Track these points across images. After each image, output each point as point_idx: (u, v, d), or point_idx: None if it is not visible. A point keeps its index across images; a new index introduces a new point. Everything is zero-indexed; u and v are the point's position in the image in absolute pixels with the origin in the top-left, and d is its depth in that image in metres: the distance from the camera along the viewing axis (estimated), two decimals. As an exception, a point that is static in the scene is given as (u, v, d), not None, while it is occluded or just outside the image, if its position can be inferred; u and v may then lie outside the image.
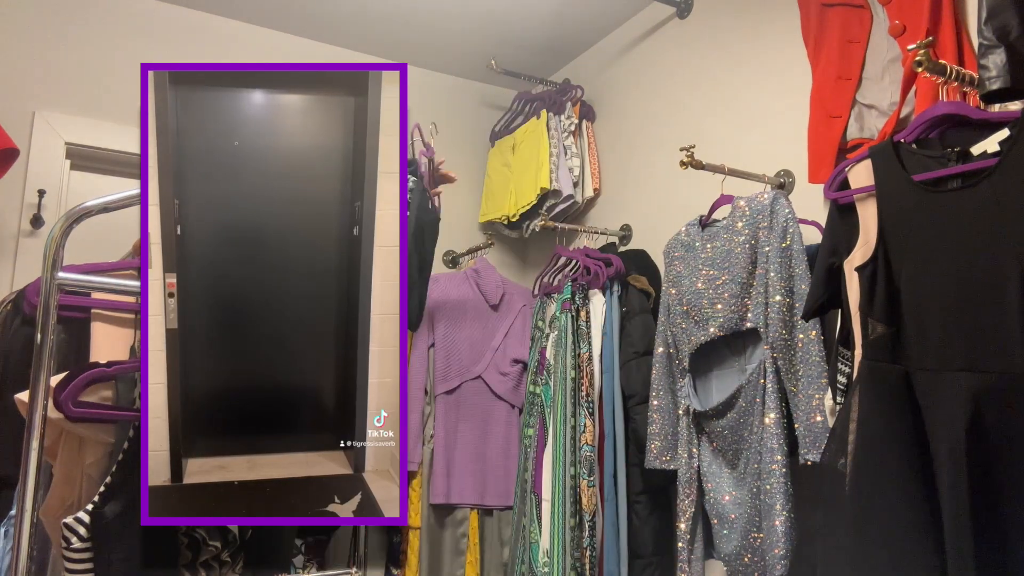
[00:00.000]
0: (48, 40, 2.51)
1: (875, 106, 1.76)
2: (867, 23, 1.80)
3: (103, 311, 1.52)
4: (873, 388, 1.27)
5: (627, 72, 2.76)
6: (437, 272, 2.87)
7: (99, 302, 1.52)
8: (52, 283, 1.24)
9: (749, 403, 1.71)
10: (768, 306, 1.70)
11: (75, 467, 1.43)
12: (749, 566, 1.68)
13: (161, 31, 2.68)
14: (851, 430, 1.27)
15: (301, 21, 2.82)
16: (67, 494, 1.42)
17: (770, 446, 1.64)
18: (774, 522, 1.60)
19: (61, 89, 2.50)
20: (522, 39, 2.90)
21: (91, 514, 1.33)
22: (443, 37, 2.90)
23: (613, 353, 2.21)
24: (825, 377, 1.58)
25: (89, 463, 1.43)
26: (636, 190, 2.65)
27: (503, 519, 2.60)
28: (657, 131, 2.58)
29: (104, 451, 1.44)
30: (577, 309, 2.28)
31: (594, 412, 2.19)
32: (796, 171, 1.99)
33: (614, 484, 2.14)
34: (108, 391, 1.44)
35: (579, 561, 2.10)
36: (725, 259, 1.80)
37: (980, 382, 1.13)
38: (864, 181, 1.36)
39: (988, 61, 1.15)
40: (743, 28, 2.25)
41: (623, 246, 2.63)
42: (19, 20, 2.47)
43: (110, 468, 1.39)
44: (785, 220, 1.71)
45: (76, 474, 1.43)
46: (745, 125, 2.20)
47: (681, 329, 1.90)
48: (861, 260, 1.33)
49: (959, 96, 1.37)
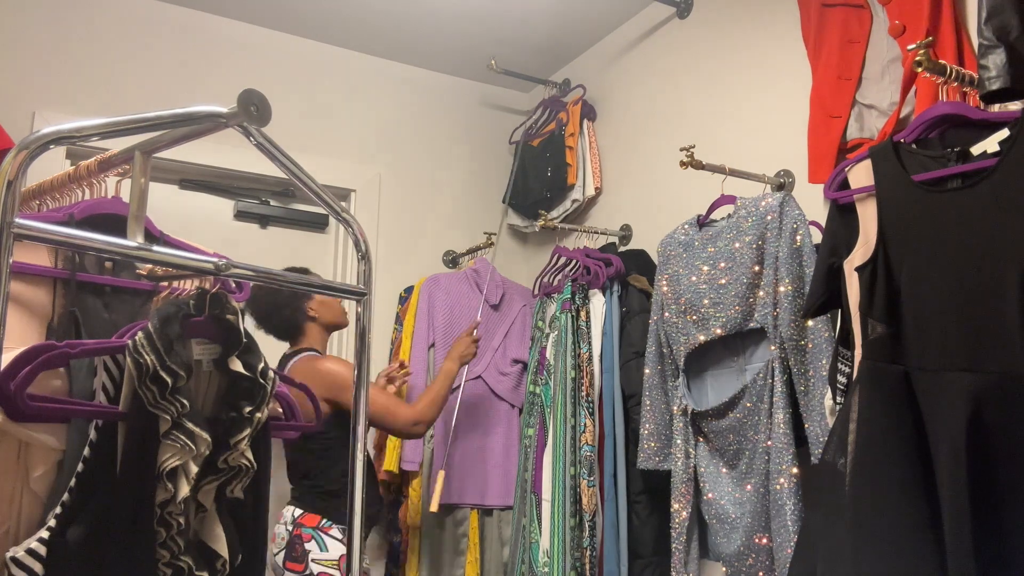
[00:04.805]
0: (48, 40, 2.51)
1: (875, 106, 1.76)
2: (867, 23, 1.80)
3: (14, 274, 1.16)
4: (873, 388, 1.27)
5: (627, 72, 2.76)
6: (437, 272, 2.88)
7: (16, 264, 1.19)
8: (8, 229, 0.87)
9: (756, 403, 1.71)
10: (778, 307, 1.70)
11: (13, 481, 1.14)
12: (753, 566, 1.68)
13: (161, 31, 2.68)
14: (851, 430, 1.27)
15: (301, 21, 2.82)
16: (1, 517, 1.13)
17: (779, 446, 1.64)
18: (786, 521, 1.60)
19: (61, 89, 2.50)
20: (522, 39, 2.90)
21: (47, 543, 1.08)
22: (443, 37, 2.90)
23: (613, 353, 2.21)
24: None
25: (35, 476, 1.15)
26: (636, 190, 2.65)
27: (503, 519, 2.60)
28: (657, 131, 2.58)
29: (53, 461, 1.17)
30: (577, 309, 2.28)
31: (594, 412, 2.19)
32: (796, 171, 1.98)
33: (614, 484, 2.14)
34: (59, 380, 1.18)
35: (579, 561, 2.10)
36: (729, 259, 1.80)
37: (980, 382, 1.13)
38: (864, 181, 1.36)
39: (988, 61, 1.14)
40: (743, 28, 2.25)
41: (623, 246, 2.63)
42: (19, 20, 2.47)
43: (66, 483, 1.12)
44: (795, 222, 1.71)
45: (14, 491, 1.14)
46: (745, 125, 2.20)
47: (676, 328, 1.90)
48: (861, 260, 1.33)
49: (959, 96, 1.37)
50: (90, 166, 1.33)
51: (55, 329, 1.28)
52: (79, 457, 1.14)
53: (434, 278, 2.77)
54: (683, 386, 1.88)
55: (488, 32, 2.85)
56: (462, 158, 3.19)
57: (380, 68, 3.07)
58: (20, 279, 1.26)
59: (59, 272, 1.31)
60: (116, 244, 1.01)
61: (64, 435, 1.18)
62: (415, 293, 2.75)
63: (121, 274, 1.40)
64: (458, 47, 2.98)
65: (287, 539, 2.04)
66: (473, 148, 3.22)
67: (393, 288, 2.92)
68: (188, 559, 1.16)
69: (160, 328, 1.16)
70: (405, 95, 3.11)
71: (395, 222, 3.02)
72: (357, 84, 3.01)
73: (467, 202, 3.18)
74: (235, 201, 2.83)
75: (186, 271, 1.33)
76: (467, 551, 2.56)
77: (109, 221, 1.36)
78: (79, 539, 1.09)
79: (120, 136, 1.02)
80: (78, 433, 1.18)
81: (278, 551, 2.05)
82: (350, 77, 3.00)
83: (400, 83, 3.10)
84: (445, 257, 3.10)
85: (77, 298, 1.31)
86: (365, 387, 1.25)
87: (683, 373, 1.89)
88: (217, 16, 2.77)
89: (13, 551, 1.07)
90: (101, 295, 1.36)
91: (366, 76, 3.04)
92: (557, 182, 2.80)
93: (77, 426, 1.18)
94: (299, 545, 2.01)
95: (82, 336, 1.27)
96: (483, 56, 2.96)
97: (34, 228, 0.94)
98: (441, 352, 2.64)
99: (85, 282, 1.34)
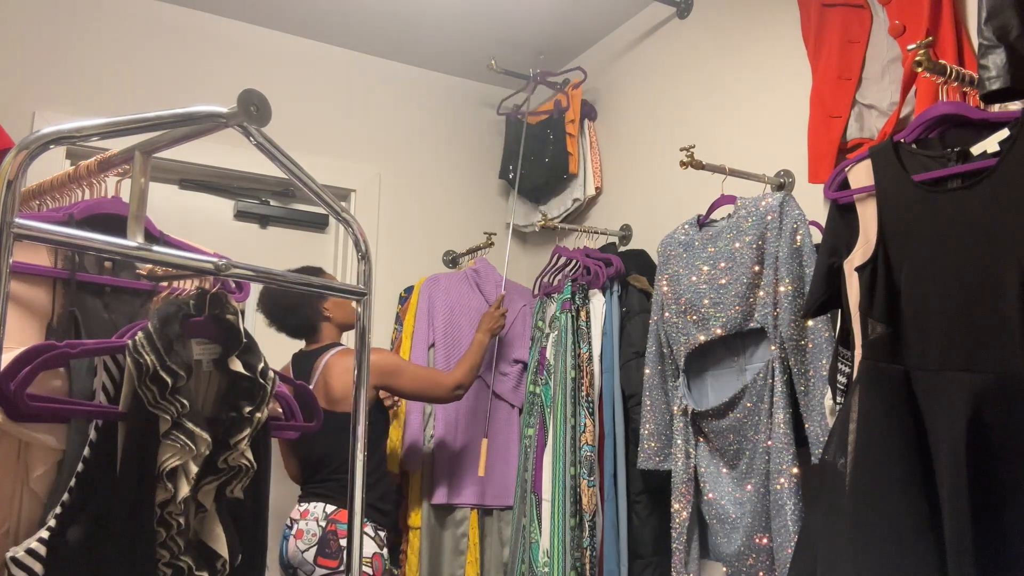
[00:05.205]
0: (48, 40, 2.51)
1: (875, 106, 1.76)
2: (867, 23, 1.80)
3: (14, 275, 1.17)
4: (873, 388, 1.27)
5: (627, 72, 2.76)
6: (437, 272, 2.88)
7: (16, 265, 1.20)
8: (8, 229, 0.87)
9: (756, 403, 1.71)
10: (778, 307, 1.70)
11: (13, 481, 1.14)
12: (754, 566, 1.68)
13: (161, 31, 2.68)
14: (851, 430, 1.27)
15: (300, 21, 2.82)
16: (1, 517, 1.13)
17: (779, 446, 1.64)
18: (786, 521, 1.60)
19: (61, 89, 2.50)
20: (522, 39, 2.90)
21: (48, 543, 1.07)
22: (443, 37, 2.90)
23: (613, 353, 2.21)
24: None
25: (35, 476, 1.15)
26: (636, 190, 2.65)
27: (503, 519, 2.60)
28: (657, 131, 2.58)
29: (53, 461, 1.16)
30: (577, 309, 2.28)
31: (594, 412, 2.19)
32: (796, 171, 1.98)
33: (614, 484, 2.14)
34: (59, 380, 1.18)
35: (579, 561, 2.10)
36: (729, 259, 1.80)
37: (980, 382, 1.13)
38: (864, 181, 1.36)
39: (988, 61, 1.14)
40: (743, 28, 2.25)
41: (623, 246, 2.63)
42: (19, 20, 2.47)
43: (66, 483, 1.12)
44: (795, 222, 1.71)
45: (14, 491, 1.14)
46: (745, 125, 2.20)
47: (677, 328, 1.90)
48: (861, 260, 1.33)
49: (959, 96, 1.37)
50: (90, 166, 1.33)
51: (55, 329, 1.28)
52: (79, 457, 1.14)
53: (434, 278, 2.77)
54: (683, 386, 1.88)
55: (488, 32, 2.85)
56: (462, 158, 3.19)
57: (380, 68, 3.07)
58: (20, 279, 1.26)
59: (59, 272, 1.30)
60: (116, 244, 1.01)
61: (64, 435, 1.17)
62: (415, 293, 2.75)
63: (121, 274, 1.40)
64: (458, 47, 2.98)
65: (319, 535, 2.02)
66: (473, 148, 3.22)
67: (393, 288, 2.91)
68: (188, 559, 1.16)
69: (160, 328, 1.16)
70: (405, 95, 3.11)
71: (395, 222, 3.02)
72: (357, 84, 3.01)
73: (467, 202, 3.18)
74: (235, 201, 2.83)
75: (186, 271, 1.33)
76: (467, 551, 2.56)
77: (109, 221, 1.36)
78: (79, 539, 1.09)
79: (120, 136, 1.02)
80: (78, 433, 1.17)
81: (307, 547, 2.03)
82: (350, 77, 3.00)
83: (400, 83, 3.10)
84: (445, 257, 3.10)
85: (77, 298, 1.31)
86: (365, 387, 1.25)
87: (683, 373, 1.89)
88: (217, 16, 2.77)
89: (13, 551, 1.07)
90: (101, 295, 1.36)
91: (366, 76, 3.04)
92: (557, 170, 2.78)
93: (77, 426, 1.18)
94: (334, 541, 1.99)
95: (82, 336, 1.27)
96: (483, 56, 2.96)
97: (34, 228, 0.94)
98: (441, 352, 2.64)
99: (85, 282, 1.34)
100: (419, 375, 2.29)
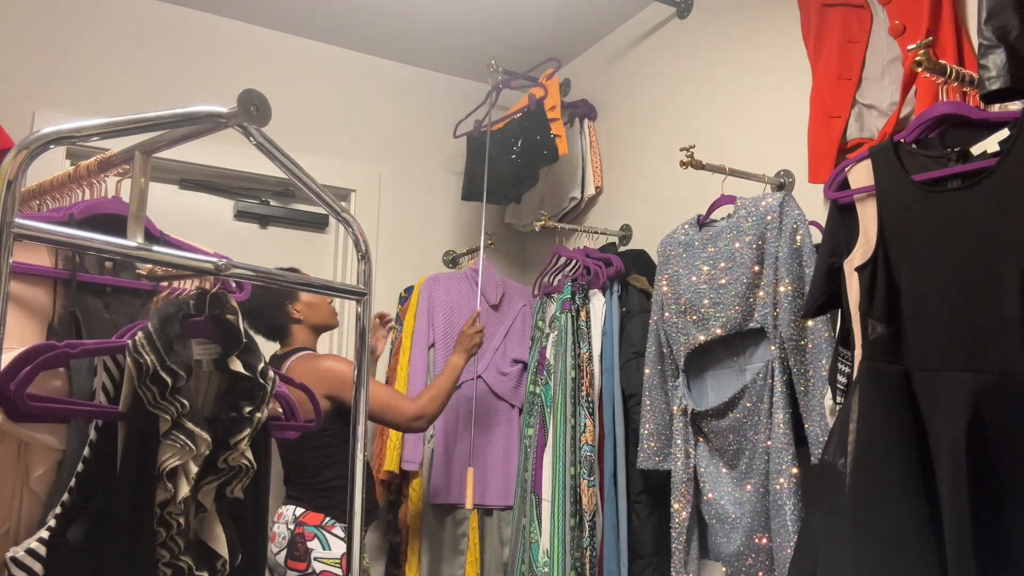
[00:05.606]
0: (48, 40, 2.51)
1: (875, 106, 1.76)
2: (867, 23, 1.80)
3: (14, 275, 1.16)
4: (873, 388, 1.27)
5: (627, 72, 2.76)
6: (437, 272, 2.88)
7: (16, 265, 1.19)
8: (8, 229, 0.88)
9: (755, 403, 1.71)
10: (778, 307, 1.70)
11: (13, 481, 1.13)
12: (753, 566, 1.68)
13: (161, 31, 2.68)
14: (851, 430, 1.27)
15: (300, 21, 2.82)
16: (1, 517, 1.12)
17: (779, 446, 1.64)
18: (786, 521, 1.60)
19: (61, 89, 2.50)
20: (522, 39, 2.90)
21: (48, 543, 1.07)
22: (443, 37, 2.90)
23: (613, 353, 2.21)
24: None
25: (35, 476, 1.14)
26: (636, 190, 2.65)
27: (503, 519, 2.60)
28: (657, 131, 2.58)
29: (53, 461, 1.16)
30: (577, 309, 2.28)
31: (594, 412, 2.19)
32: (796, 171, 1.98)
33: (614, 484, 2.14)
34: (59, 380, 1.17)
35: (579, 561, 2.10)
36: (729, 259, 1.80)
37: (980, 382, 1.13)
38: (864, 181, 1.36)
39: (988, 61, 1.14)
40: (743, 28, 2.25)
41: (623, 246, 2.63)
42: (19, 20, 2.47)
43: (66, 483, 1.12)
44: (795, 222, 1.71)
45: (14, 491, 1.13)
46: (745, 125, 2.20)
47: (676, 328, 1.90)
48: (861, 260, 1.33)
49: (959, 96, 1.37)
50: (90, 166, 1.33)
51: (55, 329, 1.27)
52: (79, 457, 1.13)
53: (434, 278, 2.77)
54: (683, 386, 1.88)
55: (488, 32, 2.85)
56: (462, 158, 3.18)
57: (380, 68, 3.07)
58: (20, 279, 1.25)
59: (59, 272, 1.30)
60: (116, 244, 1.01)
61: (64, 435, 1.17)
62: (415, 293, 2.75)
63: (121, 274, 1.40)
64: (458, 47, 2.98)
65: (288, 538, 2.04)
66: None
67: (393, 288, 2.91)
68: (188, 559, 1.16)
69: (160, 328, 1.15)
70: (405, 95, 3.11)
71: (395, 222, 3.02)
72: (357, 84, 3.01)
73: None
74: (235, 201, 2.83)
75: (186, 271, 1.33)
76: (467, 551, 2.56)
77: (109, 221, 1.36)
78: (79, 539, 1.08)
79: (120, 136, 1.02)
80: (78, 433, 1.17)
81: (278, 550, 2.05)
82: (350, 77, 3.00)
83: (400, 83, 3.10)
84: (445, 257, 3.10)
85: (77, 298, 1.31)
86: (365, 387, 1.25)
87: (683, 373, 1.89)
88: (217, 16, 2.77)
89: (13, 551, 1.06)
90: (101, 295, 1.36)
91: (366, 76, 3.04)
92: (539, 157, 2.61)
93: (77, 426, 1.17)
94: (301, 544, 2.01)
95: (82, 336, 1.27)
96: (483, 56, 2.96)
97: (34, 228, 0.94)
98: (441, 352, 2.64)
99: (85, 282, 1.33)
100: (378, 395, 2.10)
